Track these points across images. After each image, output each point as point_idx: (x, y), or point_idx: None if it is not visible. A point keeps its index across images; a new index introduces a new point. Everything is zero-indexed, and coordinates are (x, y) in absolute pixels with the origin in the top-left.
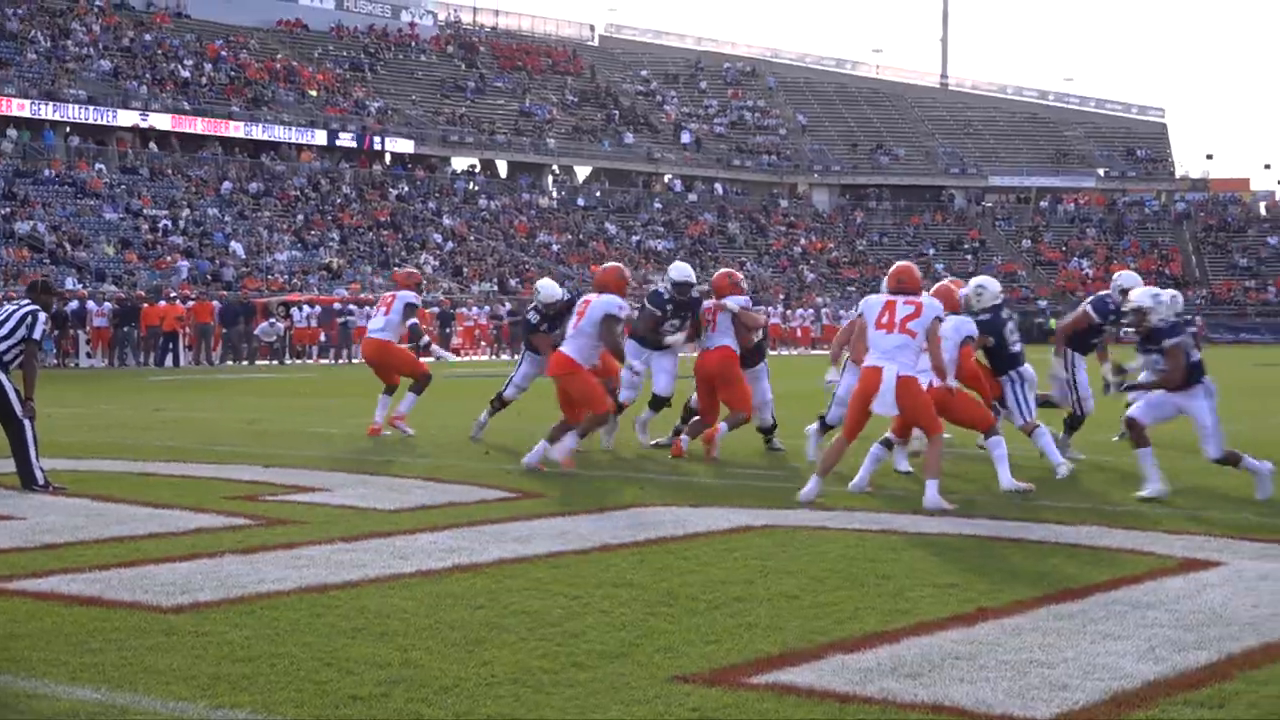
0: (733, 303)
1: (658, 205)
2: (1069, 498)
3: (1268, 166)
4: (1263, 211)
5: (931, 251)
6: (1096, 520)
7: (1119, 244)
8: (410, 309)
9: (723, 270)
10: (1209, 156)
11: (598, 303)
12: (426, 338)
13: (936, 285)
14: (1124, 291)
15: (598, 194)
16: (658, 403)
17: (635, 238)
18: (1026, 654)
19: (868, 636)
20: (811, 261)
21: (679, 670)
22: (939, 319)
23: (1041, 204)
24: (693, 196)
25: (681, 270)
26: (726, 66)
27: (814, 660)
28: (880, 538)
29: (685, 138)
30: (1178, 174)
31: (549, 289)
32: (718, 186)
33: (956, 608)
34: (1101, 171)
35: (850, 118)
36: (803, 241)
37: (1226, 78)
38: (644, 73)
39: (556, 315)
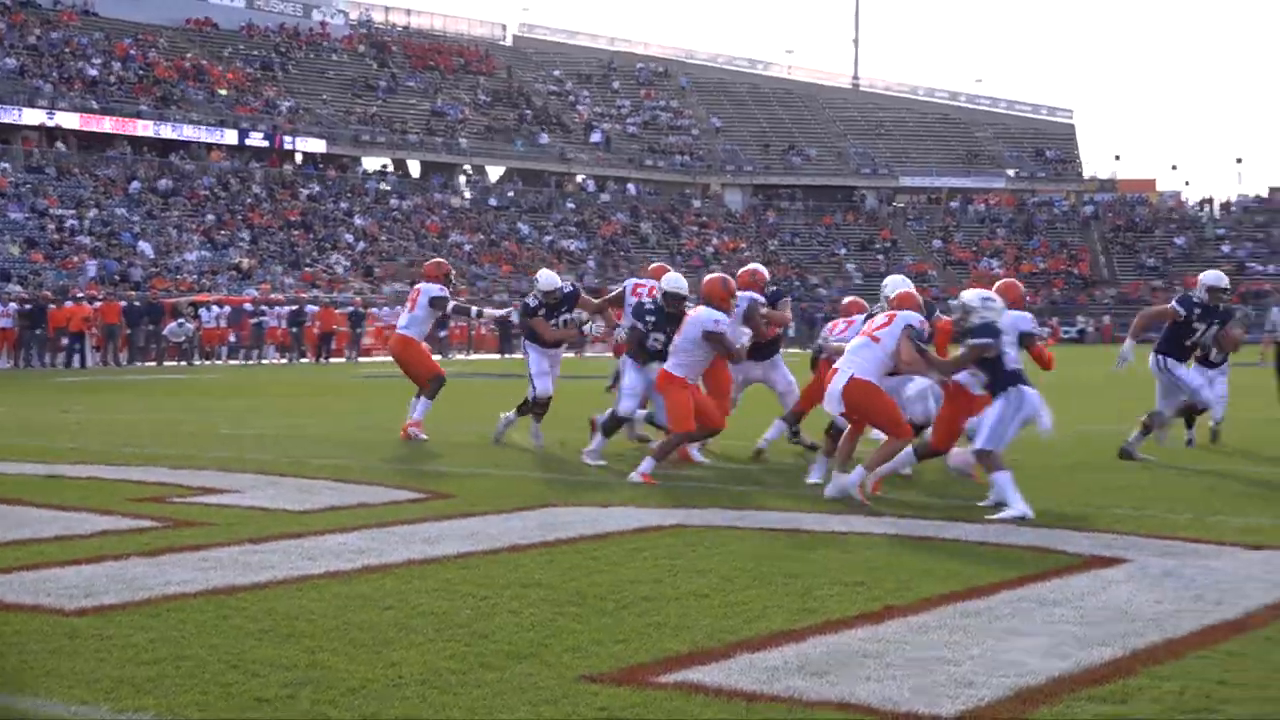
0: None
1: (570, 205)
2: (978, 495)
3: (1174, 167)
4: (1169, 212)
5: (843, 251)
6: (1003, 518)
7: (1029, 244)
8: (437, 303)
9: (747, 268)
10: (1116, 157)
11: (694, 319)
12: (474, 308)
13: (999, 283)
14: (1210, 289)
15: (510, 194)
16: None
17: (548, 238)
18: (933, 651)
19: (775, 635)
20: (724, 261)
21: (587, 670)
22: (911, 326)
23: (952, 204)
24: (605, 196)
25: (675, 281)
26: (640, 67)
27: (722, 659)
28: (788, 536)
29: (595, 137)
30: (1086, 175)
31: (549, 278)
32: (630, 186)
33: (864, 606)
34: (1011, 172)
35: (762, 118)
36: (715, 241)
37: (1133, 79)
38: (557, 72)
39: (557, 304)
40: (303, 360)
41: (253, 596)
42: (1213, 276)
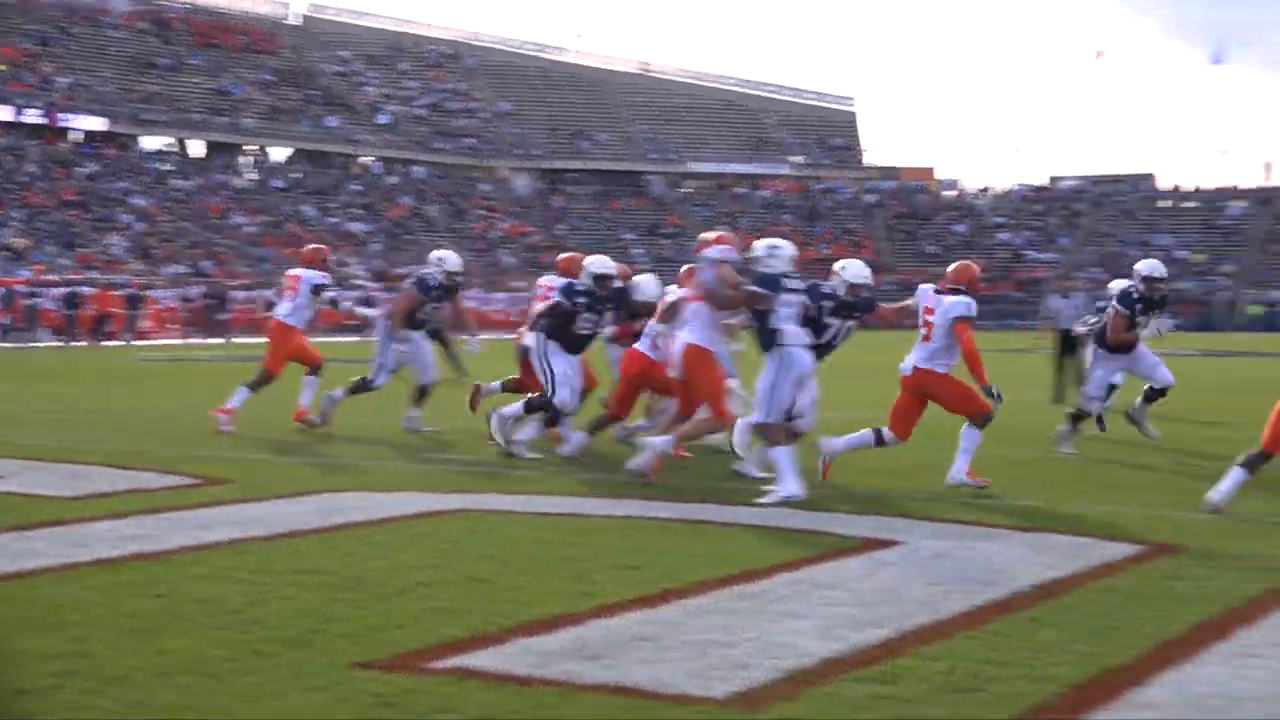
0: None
1: (356, 187)
2: (763, 479)
3: (953, 158)
4: (950, 200)
5: (630, 236)
6: (783, 501)
7: (813, 230)
8: (319, 289)
9: (568, 256)
10: (897, 146)
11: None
12: (348, 304)
13: (956, 264)
14: (1145, 279)
15: (296, 175)
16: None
17: (333, 220)
18: (708, 635)
19: (553, 619)
20: (511, 246)
21: (361, 656)
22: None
23: (738, 190)
24: (392, 179)
25: (602, 262)
26: (428, 49)
27: (497, 644)
28: (568, 520)
29: (382, 119)
30: (867, 163)
31: (457, 260)
32: (417, 169)
33: (641, 589)
34: (797, 159)
35: (551, 102)
36: (502, 225)
37: (913, 68)
38: (344, 53)
39: (451, 290)
40: (77, 343)
41: (17, 585)
42: (1148, 266)
